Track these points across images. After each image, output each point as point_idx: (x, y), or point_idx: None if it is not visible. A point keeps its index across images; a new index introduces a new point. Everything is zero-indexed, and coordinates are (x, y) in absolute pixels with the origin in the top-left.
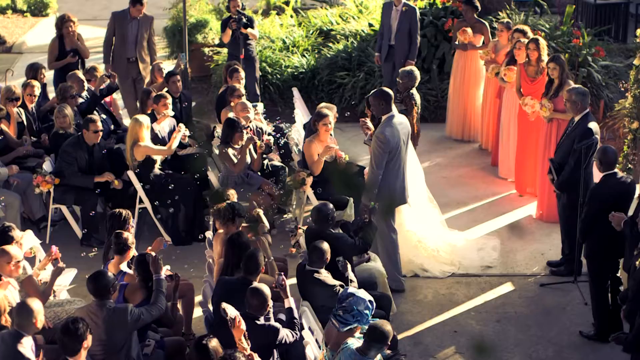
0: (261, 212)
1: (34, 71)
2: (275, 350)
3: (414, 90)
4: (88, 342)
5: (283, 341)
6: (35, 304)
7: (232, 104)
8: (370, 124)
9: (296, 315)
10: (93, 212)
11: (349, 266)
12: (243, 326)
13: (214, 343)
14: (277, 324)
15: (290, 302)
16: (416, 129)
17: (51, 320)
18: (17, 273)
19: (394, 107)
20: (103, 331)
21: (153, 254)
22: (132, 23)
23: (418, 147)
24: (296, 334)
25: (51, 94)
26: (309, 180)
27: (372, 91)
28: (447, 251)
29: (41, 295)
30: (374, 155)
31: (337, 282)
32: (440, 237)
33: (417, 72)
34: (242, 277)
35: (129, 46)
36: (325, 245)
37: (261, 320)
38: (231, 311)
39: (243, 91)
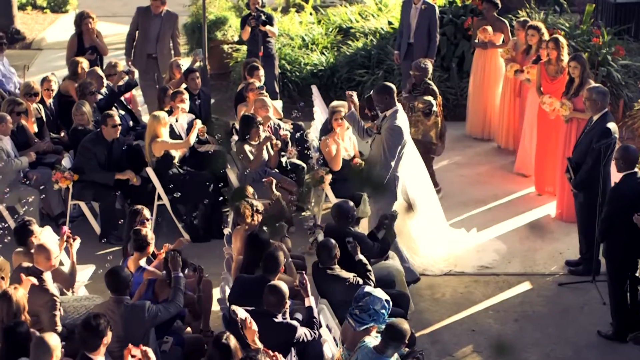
0: (280, 196)
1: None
2: (292, 348)
3: (429, 81)
4: (108, 338)
5: (301, 339)
6: (53, 340)
7: (248, 99)
8: (355, 99)
9: (315, 314)
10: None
11: (358, 248)
12: (254, 327)
13: (233, 341)
14: (295, 322)
15: (310, 301)
16: (441, 122)
17: (70, 316)
18: (54, 267)
19: (397, 102)
20: (120, 328)
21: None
22: (155, 19)
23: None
24: (314, 333)
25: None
26: (328, 178)
27: (374, 88)
28: (443, 248)
29: (69, 280)
30: (388, 148)
31: (351, 275)
32: (438, 233)
33: (428, 63)
34: (260, 275)
35: (151, 42)
36: (331, 242)
37: (279, 318)
38: (241, 313)
39: (257, 85)
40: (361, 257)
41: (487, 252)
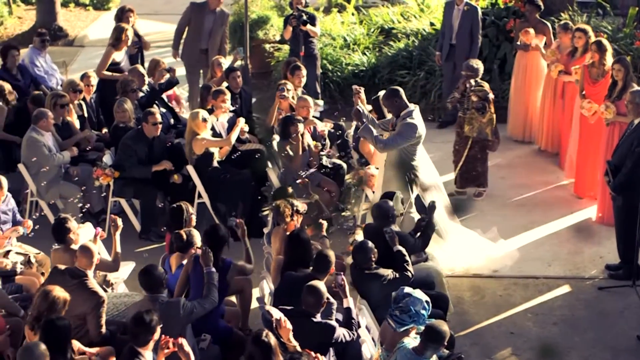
0: (317, 197)
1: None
2: (331, 349)
3: (480, 81)
4: (157, 334)
5: (339, 340)
6: (41, 348)
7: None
8: (363, 96)
9: (354, 315)
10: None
11: (396, 239)
12: (289, 325)
13: (273, 339)
14: (334, 322)
15: (349, 302)
16: (494, 123)
17: (109, 312)
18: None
19: (411, 104)
20: None
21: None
22: (209, 15)
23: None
24: (353, 334)
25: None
26: (371, 175)
27: (383, 94)
28: (452, 248)
29: (113, 266)
30: (397, 133)
31: (389, 271)
32: (448, 232)
33: (479, 63)
34: (309, 274)
35: (204, 37)
36: (368, 244)
37: (317, 318)
38: (275, 312)
39: (290, 86)
40: (399, 247)
41: (497, 259)
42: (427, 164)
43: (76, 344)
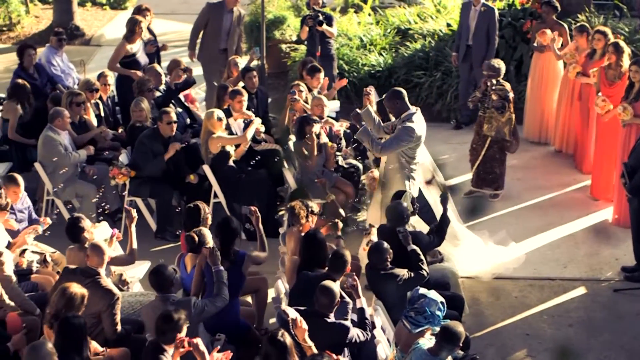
0: (334, 198)
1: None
2: (346, 349)
3: (501, 81)
4: (183, 332)
5: (353, 340)
6: (48, 347)
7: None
8: (372, 97)
9: (367, 315)
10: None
11: (410, 238)
12: (304, 325)
13: (289, 338)
14: (348, 323)
15: (362, 302)
16: (513, 122)
17: (125, 311)
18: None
19: (412, 106)
20: None
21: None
22: (227, 15)
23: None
24: (367, 334)
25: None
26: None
27: (385, 95)
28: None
29: (129, 259)
30: (394, 137)
31: (404, 271)
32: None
33: (501, 63)
34: (325, 273)
35: (222, 37)
36: (383, 245)
37: (331, 318)
38: (291, 312)
39: (303, 87)
40: (413, 247)
41: (504, 262)
42: (428, 165)
43: (93, 344)
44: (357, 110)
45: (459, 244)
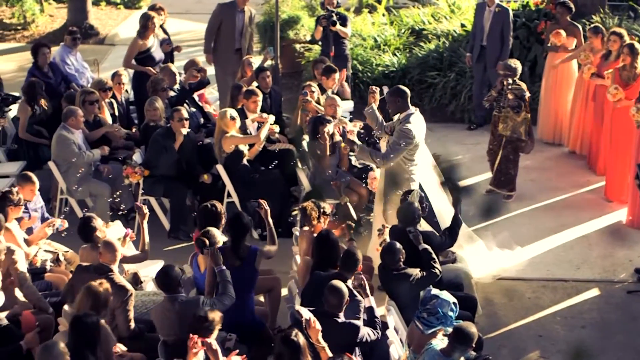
0: (347, 201)
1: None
2: (357, 348)
3: (518, 81)
4: (215, 334)
5: (364, 339)
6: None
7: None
8: (377, 96)
9: (377, 313)
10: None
11: (420, 237)
12: (318, 326)
13: (302, 338)
14: (358, 322)
15: (370, 301)
16: (528, 123)
17: (138, 310)
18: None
19: (412, 106)
20: (177, 325)
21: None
22: (240, 14)
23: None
24: (377, 333)
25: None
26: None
27: (389, 90)
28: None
29: (141, 256)
30: (392, 144)
31: (416, 270)
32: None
33: (517, 63)
34: (336, 273)
35: (237, 37)
36: (396, 246)
37: (341, 318)
38: (305, 313)
39: (315, 88)
40: (425, 246)
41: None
42: (429, 167)
43: (119, 346)
44: (371, 106)
45: (472, 243)
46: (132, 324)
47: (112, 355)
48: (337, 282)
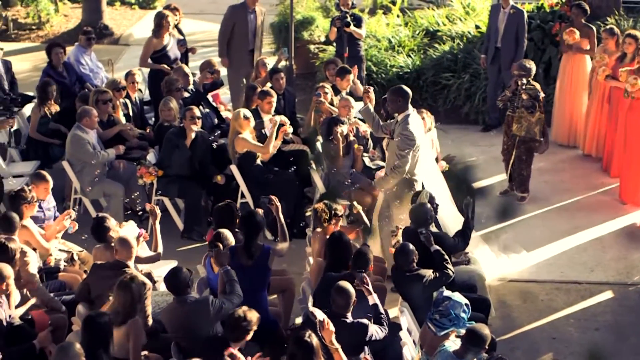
0: (360, 209)
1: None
2: (366, 347)
3: (532, 81)
4: (250, 336)
5: (373, 337)
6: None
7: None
8: (372, 95)
9: (381, 310)
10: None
11: (432, 238)
12: (332, 327)
13: (315, 339)
14: (366, 320)
15: (374, 298)
16: (543, 123)
17: (152, 310)
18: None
19: (410, 107)
20: (187, 325)
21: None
22: (251, 15)
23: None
24: (385, 329)
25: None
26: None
27: (391, 88)
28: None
29: (154, 257)
30: (401, 153)
31: (429, 271)
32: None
33: (532, 64)
34: (348, 273)
35: (250, 37)
36: (409, 247)
37: (349, 318)
38: (319, 314)
39: (328, 89)
40: (436, 247)
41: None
42: (431, 169)
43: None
44: (367, 105)
45: (486, 245)
46: (150, 320)
47: (140, 351)
48: (344, 283)
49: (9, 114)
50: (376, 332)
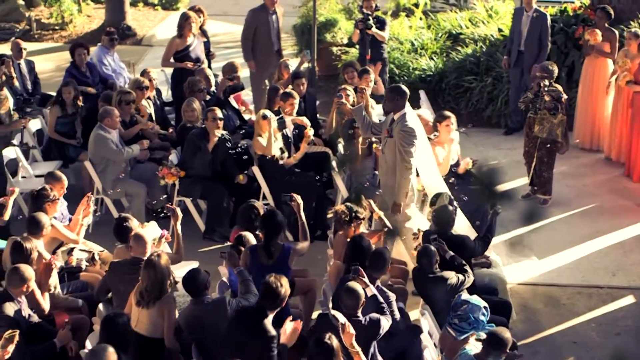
0: (382, 214)
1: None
2: (374, 342)
3: (554, 83)
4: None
5: (383, 330)
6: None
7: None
8: (367, 94)
9: (381, 299)
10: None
11: (444, 245)
12: (352, 330)
13: (335, 342)
14: (376, 315)
15: (372, 289)
16: (565, 125)
17: None
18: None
19: (407, 105)
20: (205, 326)
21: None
22: (272, 16)
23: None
24: (389, 318)
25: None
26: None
27: (389, 86)
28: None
29: (176, 258)
30: (405, 151)
31: (452, 273)
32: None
33: (554, 66)
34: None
35: (274, 38)
36: (431, 249)
37: (360, 317)
38: (340, 317)
39: (350, 91)
40: (451, 253)
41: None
42: (431, 166)
43: None
44: (360, 105)
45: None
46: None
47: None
48: (353, 284)
49: (22, 114)
50: (384, 323)
